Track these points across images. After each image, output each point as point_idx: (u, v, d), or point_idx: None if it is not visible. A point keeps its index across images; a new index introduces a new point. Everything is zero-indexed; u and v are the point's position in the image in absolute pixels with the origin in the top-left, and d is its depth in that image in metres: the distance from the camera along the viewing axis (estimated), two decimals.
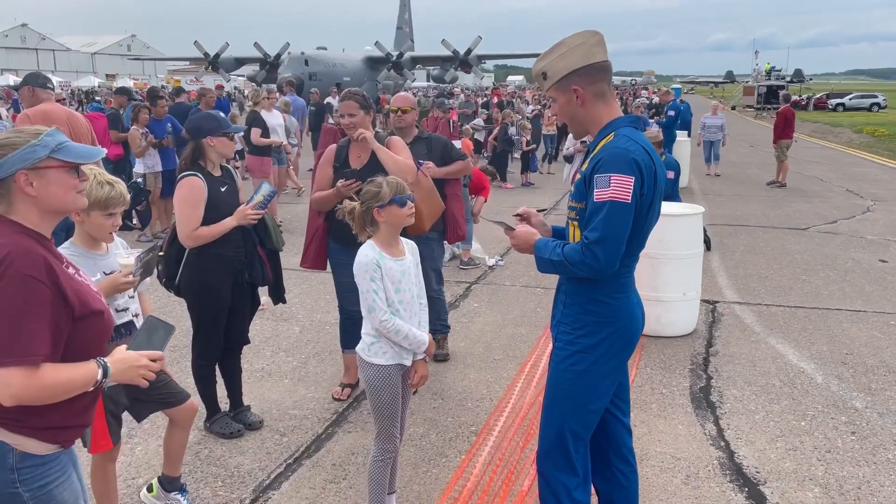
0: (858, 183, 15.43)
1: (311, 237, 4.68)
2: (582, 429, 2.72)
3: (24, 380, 1.87)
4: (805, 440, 4.25)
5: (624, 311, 2.67)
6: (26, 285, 1.87)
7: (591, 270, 2.52)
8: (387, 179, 3.11)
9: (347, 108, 4.37)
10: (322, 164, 4.54)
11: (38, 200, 1.98)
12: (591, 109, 2.65)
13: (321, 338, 5.92)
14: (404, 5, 60.73)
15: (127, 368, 2.09)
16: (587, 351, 2.66)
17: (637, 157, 2.50)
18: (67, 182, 2.02)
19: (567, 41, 2.64)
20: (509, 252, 8.95)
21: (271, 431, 4.32)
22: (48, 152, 1.97)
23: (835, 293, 7.27)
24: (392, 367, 3.14)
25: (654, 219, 2.65)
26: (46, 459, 2.02)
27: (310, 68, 41.37)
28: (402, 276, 3.13)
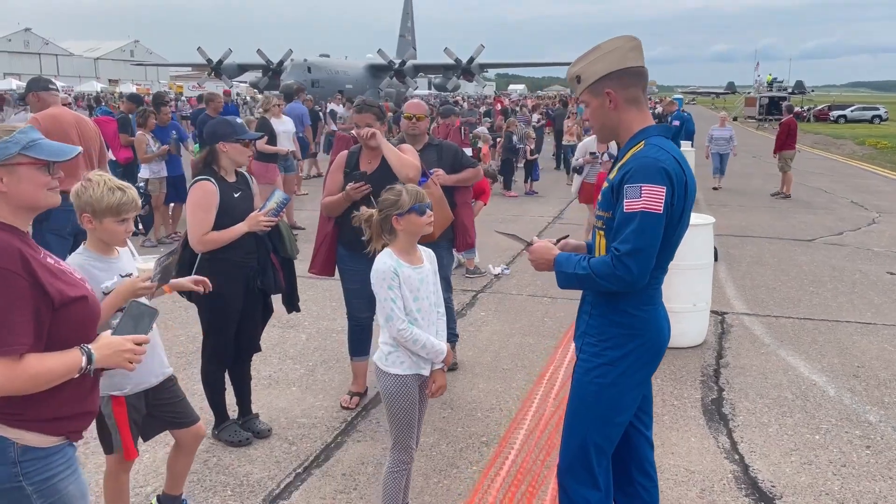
0: (863, 195, 15.40)
1: (319, 243, 4.65)
2: (605, 442, 2.68)
3: (6, 371, 1.87)
4: (820, 454, 4.21)
5: (651, 323, 2.62)
6: (2, 278, 1.88)
7: (622, 283, 2.47)
8: (406, 187, 3.07)
9: (364, 120, 4.37)
10: (333, 170, 4.53)
11: (9, 197, 1.98)
12: (623, 115, 2.61)
13: (328, 345, 5.87)
14: (407, 13, 60.90)
15: (112, 354, 2.09)
16: (613, 363, 2.61)
17: (668, 167, 2.46)
18: (38, 179, 2.02)
19: (603, 45, 2.61)
20: (514, 261, 8.92)
21: (280, 440, 4.27)
22: (19, 149, 1.98)
23: (844, 305, 7.22)
24: (409, 377, 3.09)
25: (683, 230, 2.60)
26: (50, 452, 2.02)
27: (312, 75, 41.49)
28: (420, 285, 3.09)
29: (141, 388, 3.01)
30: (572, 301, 7.14)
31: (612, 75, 2.57)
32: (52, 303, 1.98)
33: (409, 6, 61.00)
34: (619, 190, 2.50)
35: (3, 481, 1.96)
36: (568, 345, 3.94)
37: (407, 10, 60.76)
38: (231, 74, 49.22)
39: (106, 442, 2.99)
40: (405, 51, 52.97)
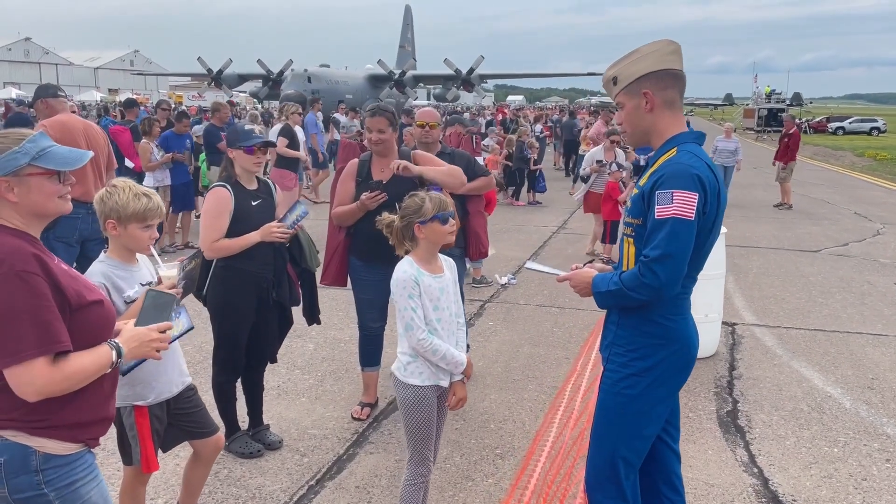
0: (865, 206, 15.38)
1: (331, 253, 4.59)
2: (633, 455, 2.62)
3: (47, 373, 1.88)
4: (839, 467, 4.14)
5: (681, 333, 2.57)
6: (24, 280, 1.87)
7: (650, 291, 2.42)
8: (429, 195, 3.02)
9: (378, 124, 4.29)
10: (344, 179, 4.45)
11: (19, 207, 1.98)
12: (659, 118, 2.57)
13: (336, 355, 5.81)
14: (407, 24, 61.07)
15: (139, 345, 2.11)
16: (641, 374, 2.55)
17: (700, 174, 2.42)
18: (48, 189, 2.01)
19: (641, 48, 2.58)
20: (520, 270, 8.86)
21: (291, 451, 4.20)
22: (29, 160, 1.95)
23: (854, 316, 7.17)
24: (428, 388, 3.03)
25: (714, 239, 2.56)
26: (71, 459, 2.02)
27: (312, 85, 41.47)
28: (440, 294, 3.04)
29: (163, 397, 2.95)
30: (580, 311, 7.10)
31: (651, 76, 2.53)
32: (70, 305, 1.98)
33: (410, 17, 61.19)
34: (651, 196, 2.46)
35: (25, 489, 1.95)
36: (587, 355, 3.88)
37: (407, 21, 60.93)
38: (231, 84, 49.27)
39: (126, 453, 2.92)
40: (405, 61, 53.05)
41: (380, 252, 4.33)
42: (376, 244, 4.32)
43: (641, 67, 2.55)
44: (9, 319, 1.86)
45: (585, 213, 10.23)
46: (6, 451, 1.95)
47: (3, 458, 1.94)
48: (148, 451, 2.89)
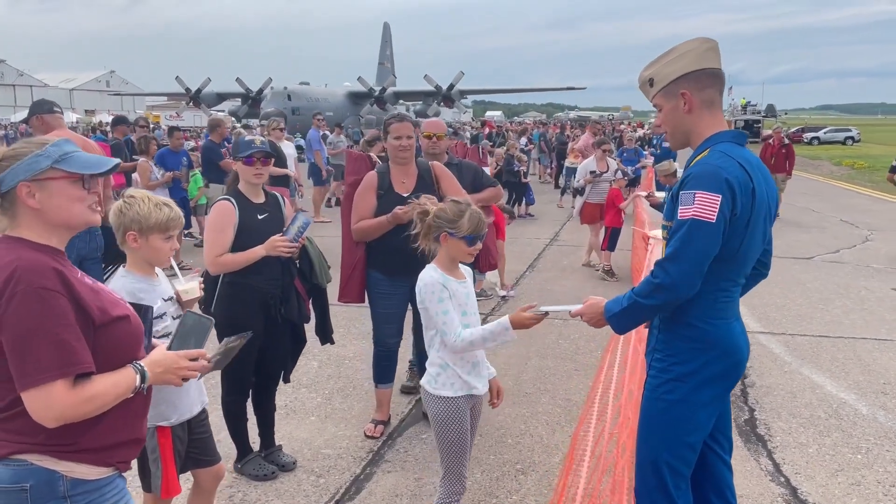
0: (851, 213, 15.51)
1: (350, 269, 4.46)
2: (679, 462, 2.52)
3: (66, 397, 1.77)
4: (866, 474, 4.08)
5: (723, 337, 2.49)
6: (42, 298, 1.77)
7: (663, 291, 2.35)
8: (471, 213, 2.94)
9: (406, 130, 4.24)
10: (363, 192, 4.33)
11: (42, 213, 1.87)
12: (698, 119, 2.50)
13: (342, 372, 5.68)
14: (386, 41, 61.25)
15: (164, 371, 2.00)
16: (681, 379, 2.48)
17: (728, 175, 2.34)
18: (72, 193, 1.89)
19: (677, 48, 2.52)
20: (519, 283, 8.79)
21: (306, 472, 4.06)
22: (51, 162, 1.86)
23: (856, 322, 7.16)
24: (461, 400, 2.94)
25: (755, 240, 2.47)
26: (101, 484, 1.92)
27: (292, 103, 41.35)
28: (466, 299, 2.99)
29: (185, 417, 2.83)
30: (584, 323, 7.01)
31: (688, 76, 2.47)
32: (93, 322, 1.87)
33: (388, 34, 61.37)
34: (678, 198, 2.42)
35: None
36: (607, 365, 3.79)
37: (386, 39, 61.11)
38: (210, 103, 49.01)
39: (146, 479, 2.78)
40: (385, 78, 53.16)
41: (404, 264, 4.24)
42: (401, 256, 4.22)
43: (678, 68, 2.49)
44: (26, 340, 1.75)
45: (582, 225, 10.18)
46: (32, 477, 1.84)
47: (29, 483, 1.83)
48: (169, 474, 2.76)
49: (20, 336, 1.75)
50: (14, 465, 1.84)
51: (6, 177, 1.84)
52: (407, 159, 4.28)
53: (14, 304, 1.74)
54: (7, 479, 1.84)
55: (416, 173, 4.31)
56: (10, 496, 1.83)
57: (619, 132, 27.37)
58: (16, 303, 1.75)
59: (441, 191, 4.29)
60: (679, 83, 2.48)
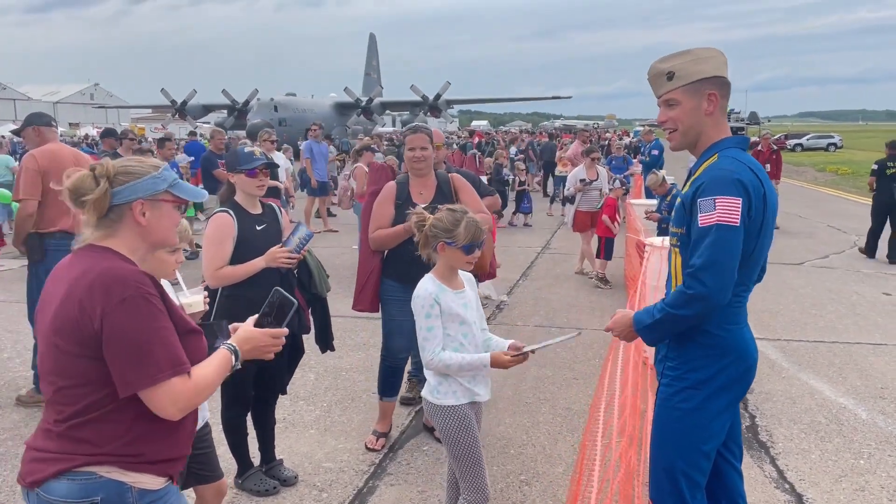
0: (838, 219, 15.63)
1: (366, 278, 4.44)
2: (695, 471, 2.50)
3: (185, 390, 1.87)
4: (870, 479, 4.08)
5: (737, 343, 2.48)
6: (150, 303, 1.86)
7: (699, 302, 2.33)
8: (467, 219, 2.91)
9: (421, 142, 4.24)
10: (382, 202, 4.34)
11: (146, 231, 1.99)
12: (713, 122, 2.51)
13: (339, 384, 5.63)
14: (372, 52, 61.37)
15: (252, 349, 2.09)
16: (697, 387, 2.47)
17: (743, 178, 2.36)
18: (174, 217, 2.06)
19: (695, 51, 2.52)
20: (513, 291, 8.77)
21: (308, 487, 4.01)
22: (166, 186, 2.00)
23: (850, 327, 7.20)
24: (465, 407, 2.91)
25: (766, 244, 2.49)
26: (163, 493, 1.98)
27: (279, 114, 41.30)
28: (464, 310, 2.95)
29: None
30: (580, 331, 6.99)
31: (714, 80, 2.48)
32: (178, 330, 1.95)
33: (374, 45, 61.49)
34: (693, 205, 2.41)
35: None
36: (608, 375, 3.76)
37: (372, 49, 61.23)
38: (196, 115, 48.87)
39: None
40: (372, 88, 53.26)
41: (419, 274, 4.21)
42: (417, 266, 4.20)
43: (706, 69, 2.48)
44: (142, 342, 1.82)
45: (574, 233, 10.19)
46: (102, 490, 1.86)
47: (99, 496, 1.86)
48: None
49: (134, 338, 1.81)
50: (81, 479, 1.85)
51: (123, 191, 1.94)
52: (423, 170, 4.28)
53: (125, 307, 1.81)
54: (76, 494, 1.85)
55: (434, 185, 4.32)
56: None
57: (605, 140, 27.47)
58: (127, 306, 1.81)
59: (459, 203, 4.28)
60: (706, 83, 2.48)
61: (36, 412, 5.04)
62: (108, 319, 1.80)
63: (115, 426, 1.86)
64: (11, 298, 8.22)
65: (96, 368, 1.83)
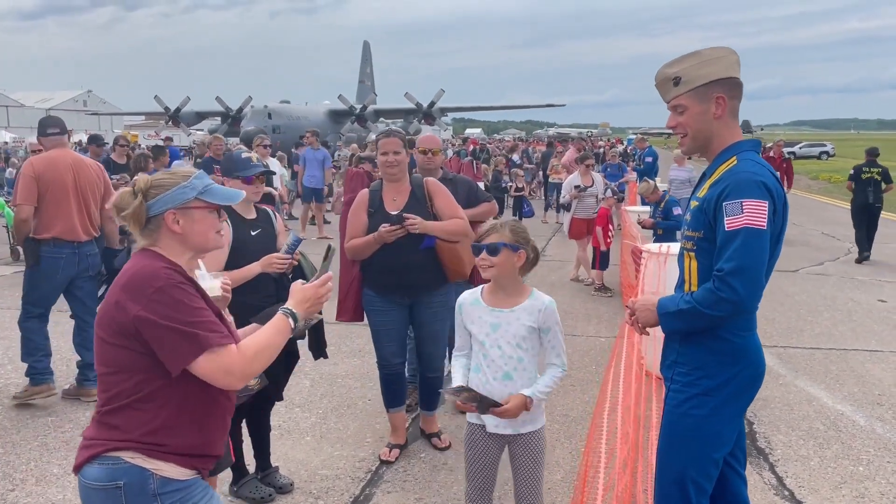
0: (832, 226, 15.69)
1: (346, 288, 4.38)
2: (704, 479, 2.47)
3: (238, 359, 1.99)
4: (869, 486, 4.06)
5: (749, 349, 2.45)
6: (182, 289, 2.00)
7: (729, 307, 2.28)
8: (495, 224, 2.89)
9: (393, 146, 4.11)
10: (355, 210, 4.25)
11: (183, 238, 2.12)
12: (723, 126, 2.48)
13: (335, 391, 5.58)
14: (366, 60, 61.39)
15: (310, 305, 2.21)
16: (709, 394, 2.42)
17: (767, 181, 2.33)
18: (210, 222, 2.15)
19: (703, 52, 2.48)
20: None
21: (304, 494, 3.97)
22: (196, 194, 2.11)
23: (846, 334, 7.20)
24: (476, 427, 2.91)
25: (779, 249, 2.47)
26: (187, 484, 2.05)
27: (273, 121, 41.20)
28: (490, 329, 2.85)
29: None
30: (574, 337, 6.99)
31: (722, 81, 2.44)
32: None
33: (368, 53, 61.53)
34: (716, 208, 2.36)
35: None
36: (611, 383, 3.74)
37: (366, 57, 61.25)
38: (189, 122, 48.77)
39: None
40: (365, 96, 53.20)
41: (395, 283, 4.18)
42: (392, 275, 4.17)
43: (713, 71, 2.44)
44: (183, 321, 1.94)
45: (570, 240, 10.18)
46: (126, 475, 1.98)
47: (122, 481, 1.98)
48: None
49: (175, 318, 1.94)
50: (109, 463, 1.99)
51: (155, 204, 2.08)
52: (395, 175, 4.16)
53: (160, 295, 1.95)
54: (103, 477, 1.99)
55: (408, 190, 4.20)
56: (104, 494, 1.98)
57: (597, 148, 27.54)
58: (162, 294, 1.95)
59: (434, 208, 4.23)
60: (713, 87, 2.44)
61: (27, 419, 4.99)
62: (147, 310, 1.94)
63: (142, 414, 1.99)
64: (3, 305, 8.15)
65: (128, 357, 1.99)
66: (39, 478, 4.13)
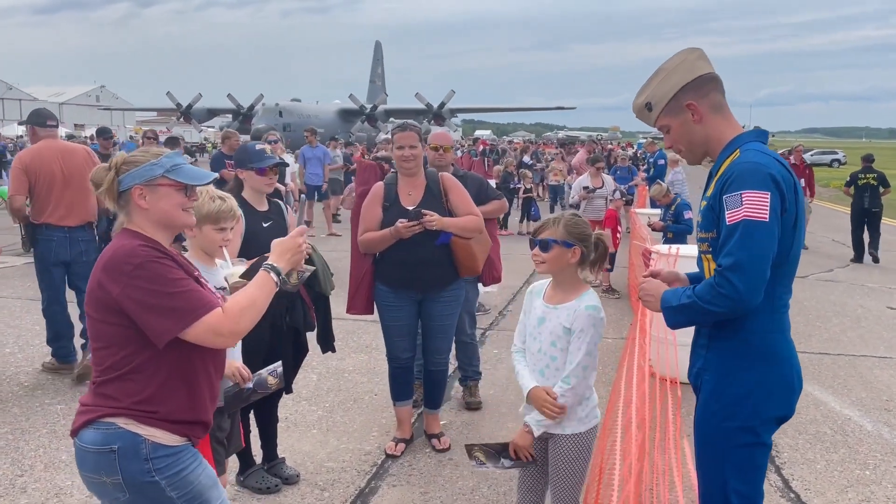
0: (842, 234, 15.58)
1: (358, 281, 4.38)
2: (747, 487, 2.35)
3: (224, 320, 2.07)
4: (875, 490, 4.05)
5: (779, 351, 2.33)
6: (161, 263, 2.08)
7: (728, 302, 2.19)
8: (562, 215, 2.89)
9: (409, 140, 4.11)
10: (370, 204, 4.24)
11: (149, 213, 2.19)
12: (710, 125, 2.40)
13: (342, 385, 5.60)
14: (377, 60, 61.51)
15: (291, 255, 2.27)
16: (739, 403, 2.30)
17: (772, 171, 2.22)
18: (175, 199, 2.21)
19: (665, 66, 2.43)
20: (515, 298, 8.75)
21: (310, 486, 3.98)
22: (163, 171, 2.18)
23: (854, 340, 7.17)
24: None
25: (800, 240, 2.35)
26: (178, 450, 2.15)
27: (284, 119, 41.35)
28: (537, 323, 2.84)
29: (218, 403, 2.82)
30: None
31: (687, 87, 2.38)
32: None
33: (380, 53, 61.65)
34: (720, 204, 2.28)
35: (137, 476, 2.09)
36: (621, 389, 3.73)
37: (377, 57, 61.37)
38: (201, 119, 49.00)
39: None
40: (376, 96, 53.34)
41: (408, 278, 4.19)
42: (406, 271, 4.17)
43: (675, 82, 2.39)
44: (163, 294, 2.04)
45: None
46: (120, 439, 2.09)
47: (116, 444, 2.08)
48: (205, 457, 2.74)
49: (155, 291, 2.03)
50: (104, 428, 2.10)
51: (125, 179, 2.17)
52: (410, 170, 4.16)
53: (139, 272, 2.04)
54: (99, 441, 2.10)
55: (423, 185, 4.20)
56: (100, 457, 2.09)
57: (606, 151, 27.49)
58: (141, 270, 2.04)
59: (449, 204, 4.23)
60: (679, 97, 2.37)
61: (37, 406, 5.03)
62: (128, 288, 2.03)
63: (133, 385, 2.09)
64: (14, 295, 8.20)
65: (116, 332, 2.09)
66: (48, 464, 4.16)
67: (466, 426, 4.89)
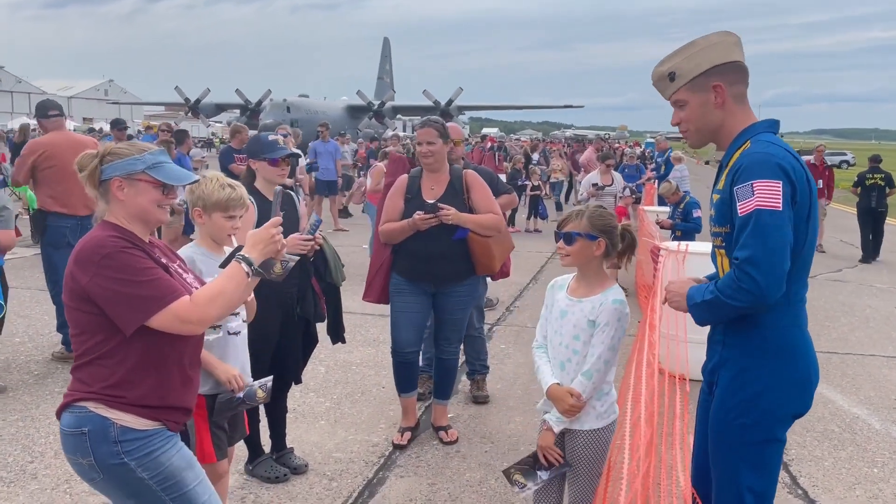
0: (850, 234, 15.55)
1: (376, 269, 4.42)
2: (762, 483, 2.33)
3: (191, 308, 2.10)
4: (883, 488, 4.05)
5: (796, 346, 2.30)
6: (128, 253, 2.13)
7: (750, 297, 2.15)
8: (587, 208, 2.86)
9: (427, 136, 4.15)
10: (393, 195, 4.30)
11: (125, 205, 2.24)
12: (729, 114, 2.37)
13: (349, 378, 5.62)
14: (385, 56, 61.52)
15: (263, 247, 2.22)
16: (757, 398, 2.28)
17: (782, 161, 2.19)
18: (152, 195, 2.25)
19: (699, 41, 2.38)
20: (522, 295, 8.76)
21: (318, 476, 4.00)
22: (144, 167, 2.22)
23: (863, 339, 7.16)
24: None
25: (814, 234, 2.32)
26: (148, 434, 2.17)
27: (291, 115, 41.31)
28: (560, 316, 2.82)
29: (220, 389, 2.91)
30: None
31: (718, 68, 2.33)
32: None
33: (388, 49, 61.65)
34: (732, 195, 2.25)
35: (107, 458, 2.13)
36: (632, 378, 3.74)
37: (385, 54, 61.38)
38: (209, 114, 49.05)
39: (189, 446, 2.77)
40: (384, 92, 53.30)
41: (423, 270, 4.22)
42: (421, 263, 4.21)
43: (706, 60, 2.34)
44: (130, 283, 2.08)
45: None
46: (90, 422, 2.14)
47: (87, 427, 2.14)
48: (203, 442, 2.83)
49: (122, 280, 2.07)
50: (77, 411, 2.17)
51: (108, 169, 2.21)
52: (432, 165, 4.20)
53: (107, 261, 2.09)
54: (73, 424, 2.17)
55: (446, 181, 4.24)
56: (74, 439, 2.16)
57: (613, 150, 27.45)
58: (108, 260, 2.09)
59: (470, 201, 4.26)
60: (709, 76, 2.32)
61: (47, 394, 5.06)
62: (96, 277, 2.09)
63: (103, 370, 2.15)
64: (24, 285, 8.25)
65: (88, 319, 2.15)
66: (58, 451, 4.18)
67: (474, 419, 4.90)
